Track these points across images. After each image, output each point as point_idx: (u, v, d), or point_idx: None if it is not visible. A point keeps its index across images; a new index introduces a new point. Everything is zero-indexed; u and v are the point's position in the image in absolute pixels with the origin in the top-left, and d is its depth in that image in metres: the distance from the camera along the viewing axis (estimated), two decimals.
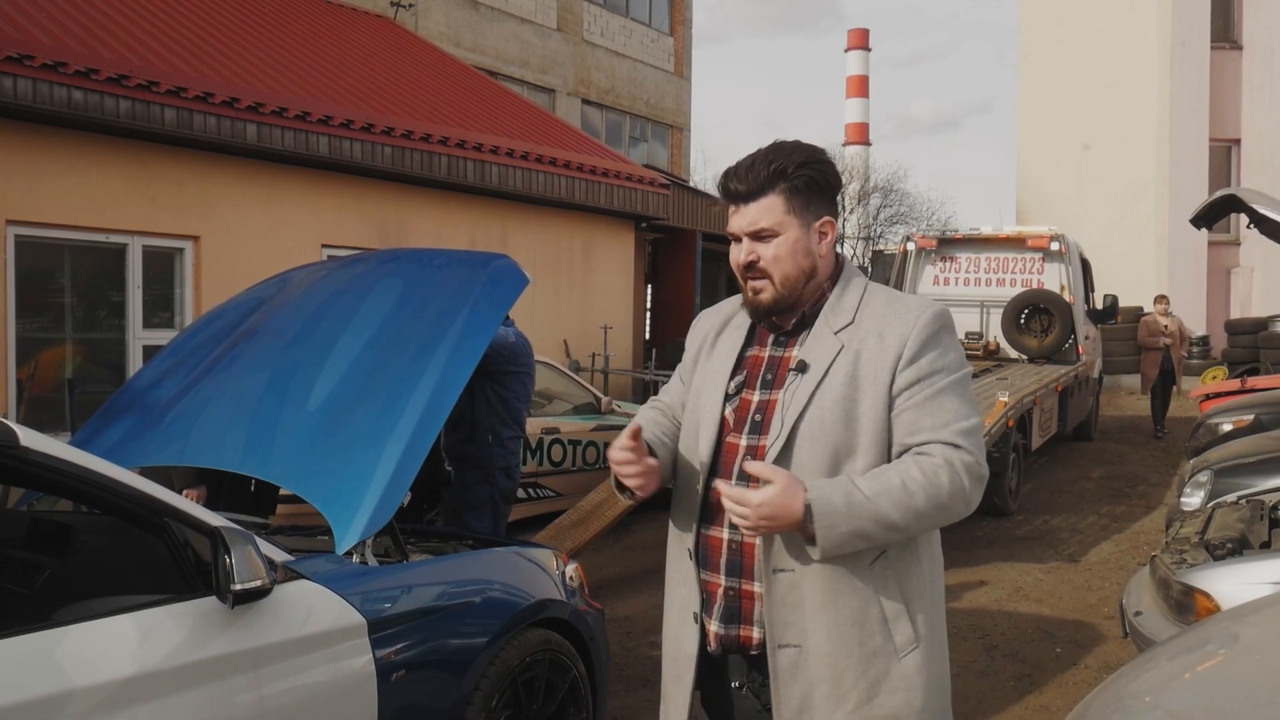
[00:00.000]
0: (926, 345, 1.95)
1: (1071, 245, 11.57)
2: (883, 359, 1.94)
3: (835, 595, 1.93)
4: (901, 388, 1.94)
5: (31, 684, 2.18)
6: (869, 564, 1.93)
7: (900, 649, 1.94)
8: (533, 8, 20.11)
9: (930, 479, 1.87)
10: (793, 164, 1.99)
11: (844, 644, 1.93)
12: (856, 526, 1.85)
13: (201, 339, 4.34)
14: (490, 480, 5.05)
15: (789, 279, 2.02)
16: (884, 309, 2.00)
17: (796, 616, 1.95)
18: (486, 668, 3.27)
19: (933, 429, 1.91)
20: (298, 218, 9.06)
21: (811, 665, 1.94)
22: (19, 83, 6.93)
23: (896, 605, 1.95)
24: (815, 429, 1.95)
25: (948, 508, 1.90)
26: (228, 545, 2.48)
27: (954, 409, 1.93)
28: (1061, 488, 9.90)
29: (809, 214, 2.02)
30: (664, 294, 16.11)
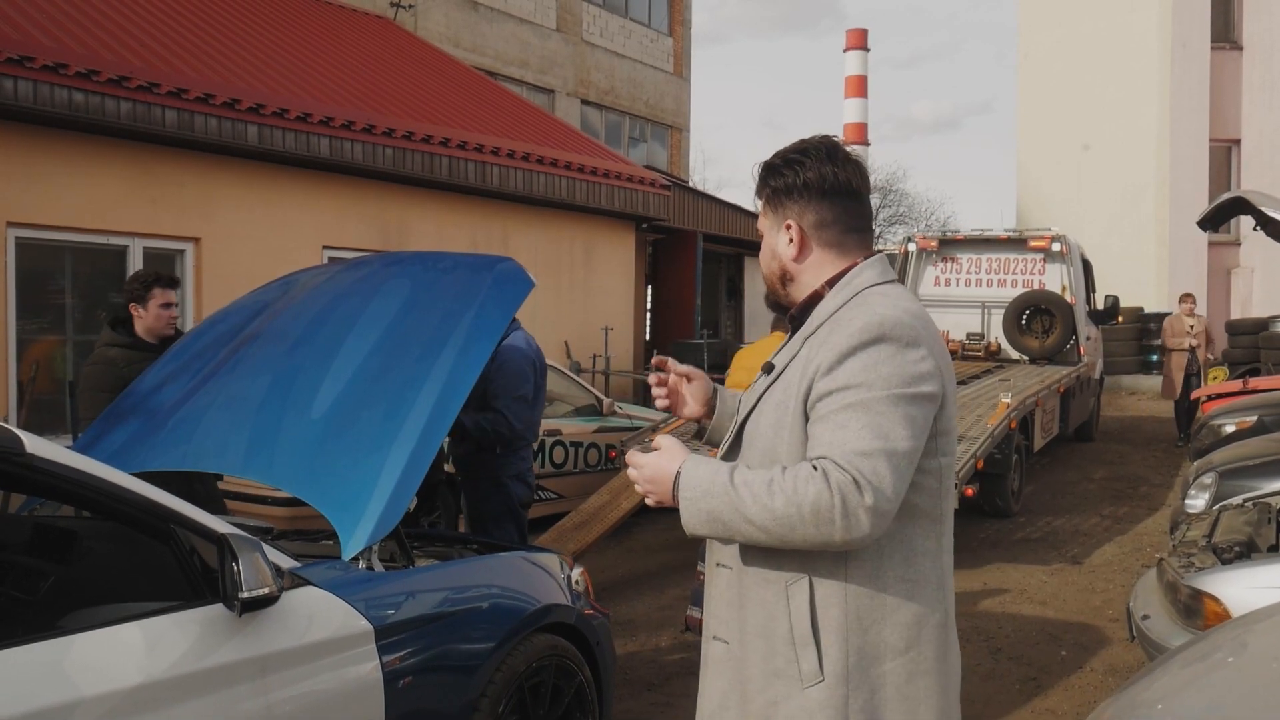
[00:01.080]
0: (849, 355, 1.80)
1: (1073, 246, 11.57)
2: (809, 367, 1.86)
3: (746, 601, 1.92)
4: (814, 400, 1.83)
5: (39, 694, 2.16)
6: (786, 579, 1.86)
7: (804, 678, 1.84)
8: (532, 8, 20.10)
9: (796, 487, 1.74)
10: (763, 168, 2.04)
11: (750, 653, 1.91)
12: (713, 507, 1.80)
13: (205, 342, 4.32)
14: (504, 489, 5.02)
15: (767, 279, 2.09)
16: (844, 314, 1.89)
17: (729, 613, 1.96)
18: (493, 673, 3.26)
19: (828, 446, 1.77)
20: (299, 219, 9.05)
21: (732, 665, 1.95)
22: (20, 84, 6.92)
23: (805, 631, 1.84)
24: (753, 430, 1.97)
25: (809, 523, 1.72)
26: (235, 552, 2.47)
27: (857, 429, 1.75)
28: (1064, 489, 9.90)
29: (778, 215, 2.04)
30: (664, 295, 16.10)
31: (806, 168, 1.98)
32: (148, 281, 4.76)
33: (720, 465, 1.84)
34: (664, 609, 6.34)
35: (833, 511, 1.71)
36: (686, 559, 7.57)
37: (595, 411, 8.83)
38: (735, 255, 19.22)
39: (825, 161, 1.98)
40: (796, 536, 1.75)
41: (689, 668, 5.29)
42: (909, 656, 1.86)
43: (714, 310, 19.22)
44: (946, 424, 1.89)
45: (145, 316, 4.74)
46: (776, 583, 1.88)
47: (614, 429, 8.66)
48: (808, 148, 2.01)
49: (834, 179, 1.97)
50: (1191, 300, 12.62)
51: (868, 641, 1.84)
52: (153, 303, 4.73)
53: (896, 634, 1.85)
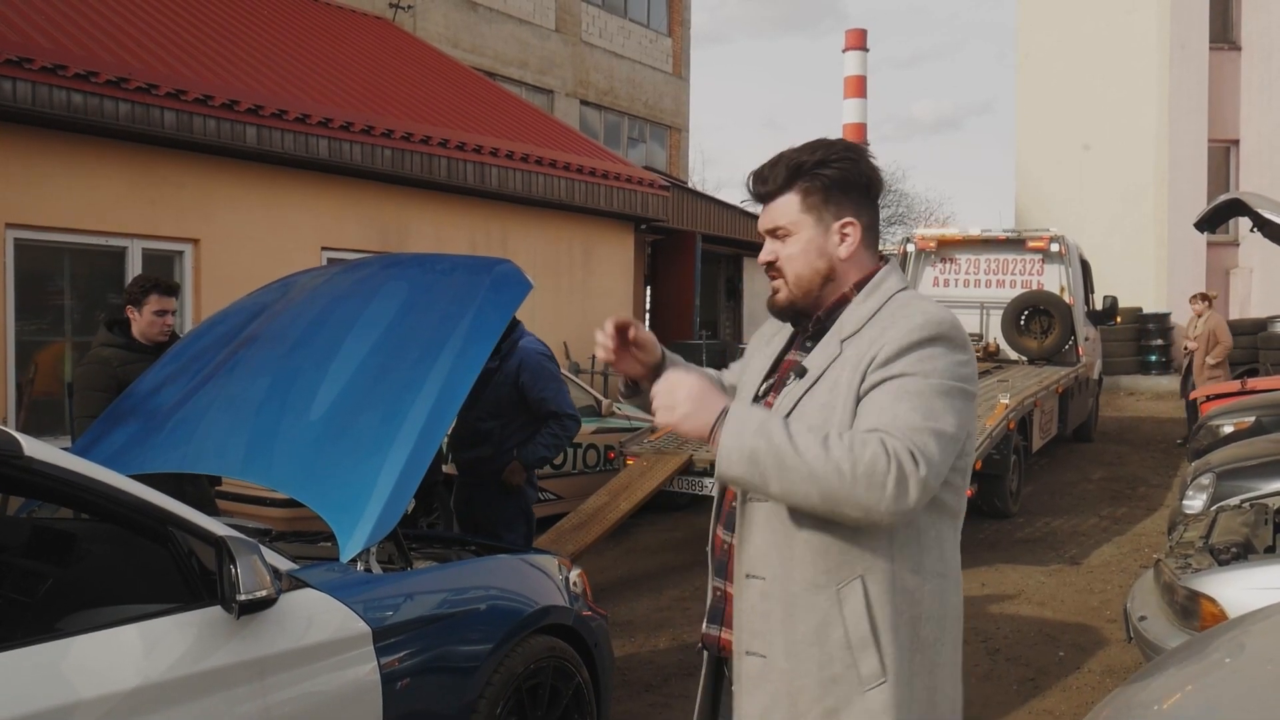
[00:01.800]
0: (907, 350, 1.81)
1: (1071, 246, 11.57)
2: (861, 362, 1.85)
3: (794, 609, 1.85)
4: (867, 389, 1.83)
5: (38, 696, 2.17)
6: (838, 582, 1.83)
7: (865, 681, 1.81)
8: (531, 9, 20.10)
9: (853, 444, 1.72)
10: (812, 161, 1.93)
11: (801, 663, 1.85)
12: (757, 447, 1.73)
13: (204, 344, 4.33)
14: (518, 492, 5.05)
15: (801, 279, 1.97)
16: (890, 316, 1.89)
17: (765, 626, 1.89)
18: (491, 675, 3.27)
19: (880, 420, 1.76)
20: (298, 220, 9.05)
21: (773, 678, 1.88)
22: (18, 86, 6.92)
23: (863, 633, 1.81)
24: None
25: (861, 482, 1.70)
26: (233, 555, 2.47)
27: (910, 407, 1.76)
28: (1062, 489, 9.90)
29: (827, 214, 1.95)
30: (664, 295, 16.11)
31: (862, 165, 1.95)
32: (146, 286, 4.78)
33: (772, 413, 1.82)
34: (662, 610, 6.35)
35: (887, 476, 1.70)
36: (684, 561, 7.58)
37: (594, 412, 8.83)
38: (734, 256, 19.23)
39: (869, 162, 1.97)
40: (840, 495, 1.71)
41: (687, 669, 5.29)
42: (938, 649, 1.88)
43: (713, 311, 19.22)
44: (971, 425, 1.92)
45: (139, 321, 4.75)
46: (828, 587, 1.83)
47: (613, 430, 8.66)
48: (850, 145, 1.97)
49: (880, 182, 2.00)
50: (1199, 300, 12.16)
51: (913, 637, 1.85)
52: (147, 308, 4.74)
53: (931, 628, 1.87)
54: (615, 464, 8.43)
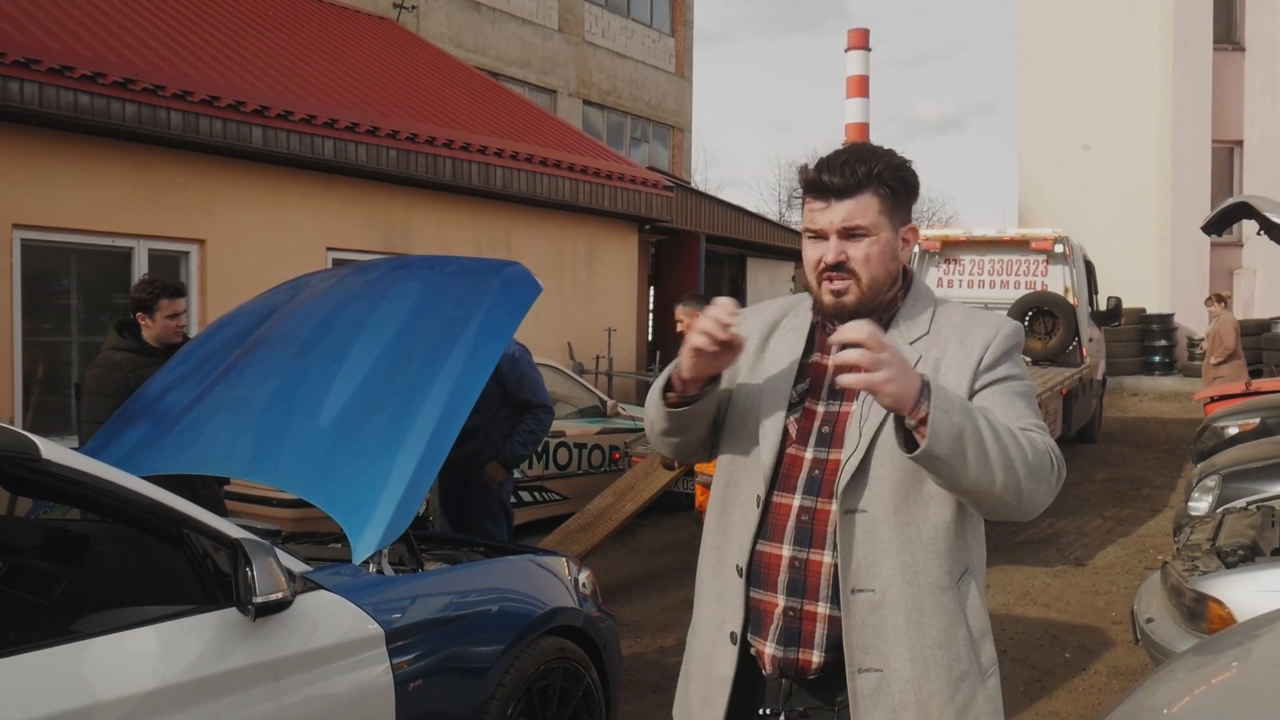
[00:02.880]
0: (1006, 354, 1.91)
1: (1075, 247, 11.57)
2: (966, 364, 1.89)
3: (921, 616, 1.84)
4: (980, 388, 1.88)
5: (56, 698, 2.18)
6: (955, 581, 1.86)
7: (985, 670, 1.88)
8: (534, 9, 20.12)
9: (1028, 438, 1.77)
10: (887, 166, 1.91)
11: (930, 668, 1.84)
12: (965, 426, 1.69)
13: (213, 346, 4.34)
14: (499, 486, 5.12)
15: (876, 281, 1.91)
16: (962, 319, 1.96)
17: (878, 640, 1.85)
18: (502, 676, 3.28)
19: (1009, 419, 1.81)
20: (303, 221, 9.06)
21: (895, 691, 1.84)
22: (25, 87, 6.94)
23: (983, 624, 1.90)
24: (894, 441, 1.79)
25: (1034, 470, 1.73)
26: (249, 557, 2.49)
27: (1024, 409, 1.86)
28: (1066, 490, 9.85)
29: (897, 219, 1.93)
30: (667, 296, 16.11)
31: (916, 176, 1.97)
32: (155, 292, 4.78)
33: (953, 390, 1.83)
34: (668, 611, 6.36)
35: (1053, 469, 1.78)
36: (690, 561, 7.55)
37: (599, 413, 8.84)
38: (738, 256, 19.24)
39: None
40: (1025, 481, 1.74)
41: None
42: None
43: None
44: None
45: (152, 326, 4.76)
46: (950, 587, 1.86)
47: (617, 430, 8.68)
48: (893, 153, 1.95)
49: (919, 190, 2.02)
50: (1213, 302, 11.98)
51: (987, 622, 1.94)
52: (159, 313, 4.76)
53: None
54: (620, 464, 8.45)
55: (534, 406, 5.13)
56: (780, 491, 1.93)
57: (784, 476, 1.93)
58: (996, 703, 1.90)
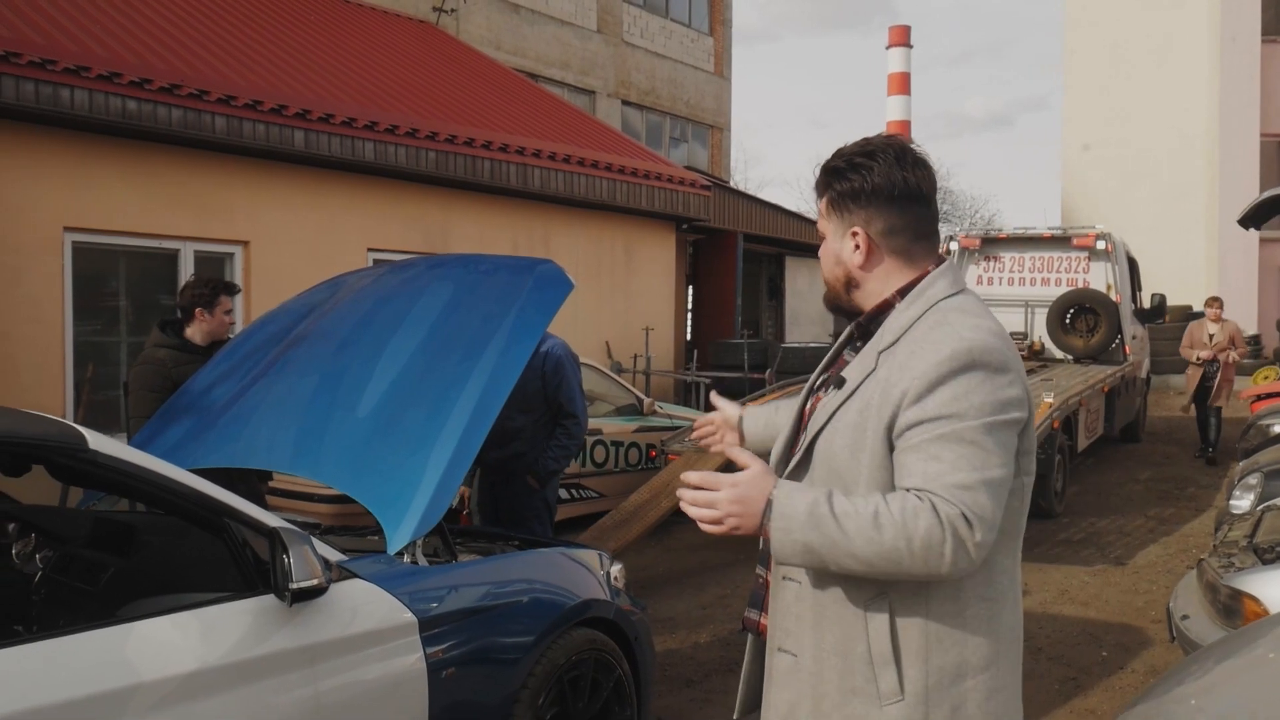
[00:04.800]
0: (938, 383, 1.75)
1: (1118, 244, 11.44)
2: (891, 392, 1.79)
3: (822, 619, 1.87)
4: (901, 429, 1.77)
5: (101, 678, 2.26)
6: (865, 598, 1.82)
7: (883, 697, 1.81)
8: (573, 10, 20.21)
9: (905, 520, 1.69)
10: (825, 169, 1.94)
11: (824, 670, 1.87)
12: (811, 540, 1.72)
13: (255, 344, 4.45)
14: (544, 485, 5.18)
15: (829, 282, 1.99)
16: (924, 334, 1.82)
17: (796, 626, 1.91)
18: (534, 666, 3.33)
19: (924, 477, 1.72)
20: (344, 222, 9.21)
21: (802, 678, 1.90)
22: (76, 93, 7.12)
23: (885, 651, 1.81)
24: (825, 449, 1.88)
25: (919, 558, 1.69)
26: (285, 545, 2.56)
27: (954, 458, 1.71)
28: (1109, 490, 9.80)
29: (843, 221, 1.93)
30: (705, 295, 16.14)
31: (875, 172, 1.88)
32: (216, 288, 4.93)
33: (817, 494, 1.76)
34: (704, 608, 6.38)
35: (944, 546, 1.68)
36: (725, 559, 7.61)
37: (636, 411, 8.89)
38: (776, 255, 19.21)
39: (895, 165, 1.89)
40: (899, 571, 1.72)
41: (728, 665, 5.33)
42: (990, 673, 1.84)
43: (755, 310, 19.21)
44: (1029, 444, 1.85)
45: (209, 321, 4.89)
46: (856, 603, 1.84)
47: (654, 428, 8.72)
48: (875, 149, 1.91)
49: (904, 184, 1.88)
50: (1217, 304, 11.11)
51: (948, 661, 1.81)
52: (219, 309, 4.90)
53: (977, 653, 1.83)
54: (657, 462, 8.49)
55: (566, 415, 5.15)
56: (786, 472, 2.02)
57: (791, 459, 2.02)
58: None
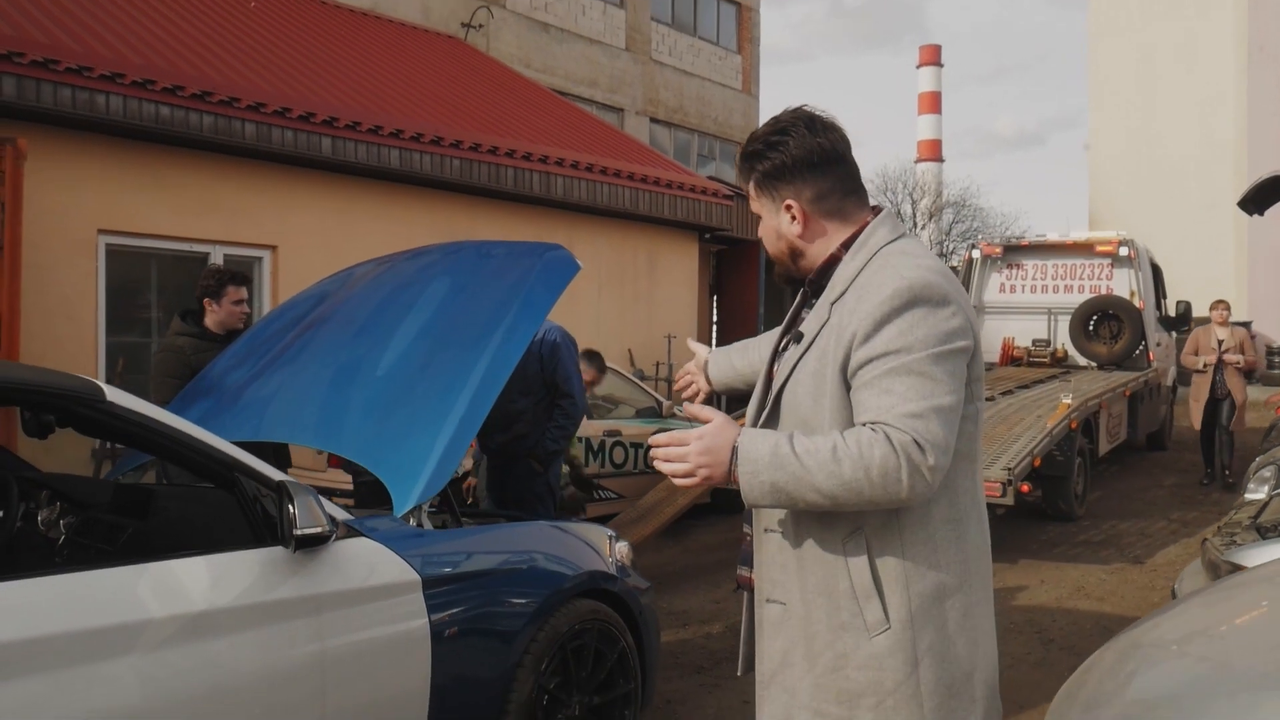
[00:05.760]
0: (884, 321, 1.85)
1: (1141, 250, 11.40)
2: (843, 335, 1.90)
3: (804, 562, 1.96)
4: (854, 368, 1.88)
5: (112, 611, 2.38)
6: (841, 537, 1.92)
7: (871, 628, 1.90)
8: (602, 28, 20.46)
9: (861, 451, 1.79)
10: (745, 154, 2.03)
11: (812, 611, 1.95)
12: (777, 479, 1.82)
13: (275, 329, 4.59)
14: (547, 468, 5.29)
15: (775, 258, 2.09)
16: (869, 279, 1.92)
17: (782, 576, 2.00)
18: (536, 633, 3.40)
19: (877, 410, 1.82)
20: (370, 228, 9.38)
21: (792, 624, 1.99)
22: (111, 99, 7.35)
23: (866, 584, 1.90)
24: (791, 400, 1.98)
25: (878, 485, 1.78)
26: (291, 495, 2.68)
27: (905, 389, 1.81)
28: (1132, 495, 9.74)
29: (774, 198, 2.02)
30: (728, 305, 16.21)
31: (791, 146, 1.98)
32: (222, 279, 5.09)
33: (779, 436, 1.85)
34: (717, 602, 6.44)
35: (900, 472, 1.77)
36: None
37: (655, 413, 8.97)
38: None
39: (808, 134, 1.98)
40: (862, 500, 1.81)
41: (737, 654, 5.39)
42: (964, 592, 1.94)
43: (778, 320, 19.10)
44: (977, 371, 1.95)
45: (218, 311, 5.04)
46: (833, 541, 1.92)
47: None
48: (786, 125, 2.00)
49: (820, 150, 1.98)
50: (1223, 307, 10.11)
51: (927, 585, 1.91)
52: (226, 299, 5.05)
53: (951, 573, 1.93)
54: None
55: (562, 395, 5.29)
56: None
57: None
58: (888, 662, 1.90)
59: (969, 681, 1.94)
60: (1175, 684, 1.95)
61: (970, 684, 1.94)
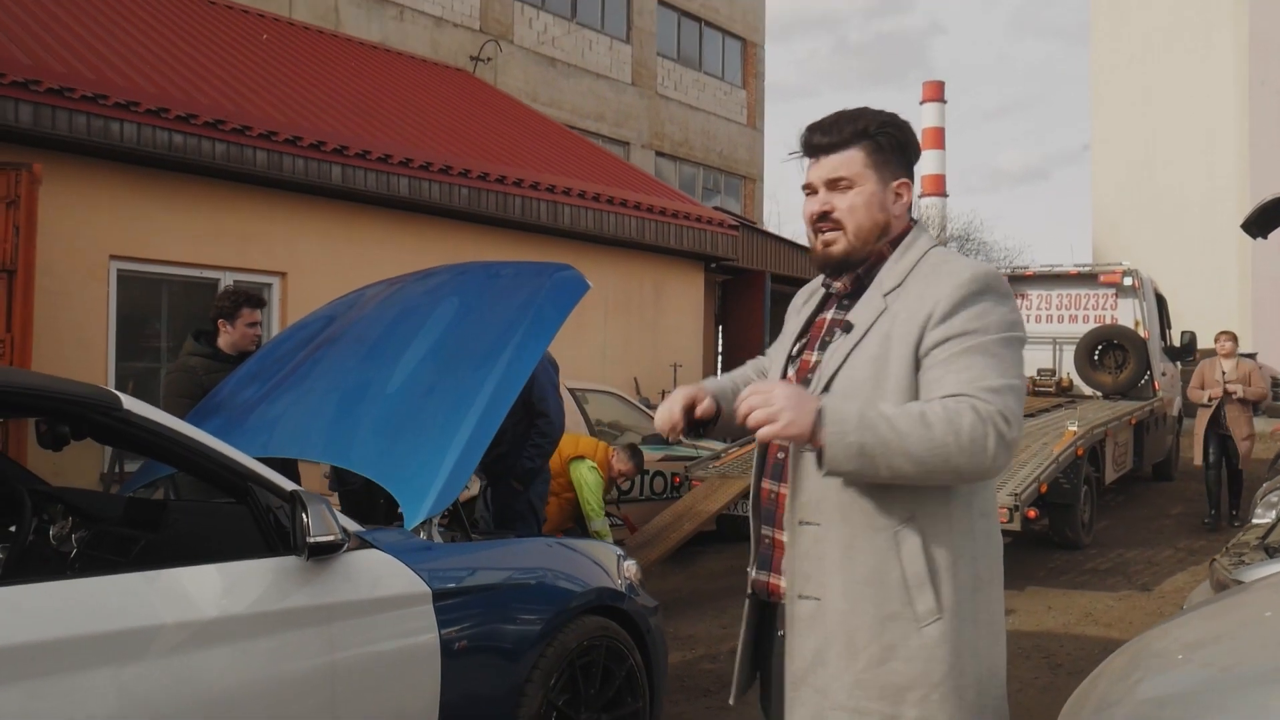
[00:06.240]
0: (961, 305, 1.91)
1: (1145, 280, 11.44)
2: (915, 318, 1.93)
3: (852, 552, 1.93)
4: (929, 347, 1.91)
5: (126, 616, 2.39)
6: (895, 525, 1.91)
7: (921, 618, 1.90)
8: (608, 63, 20.68)
9: (951, 416, 1.81)
10: (875, 123, 2.04)
11: (858, 603, 1.92)
12: (865, 441, 1.80)
13: (286, 348, 4.64)
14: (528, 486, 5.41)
15: (862, 230, 2.05)
16: (930, 271, 1.99)
17: (817, 570, 1.96)
18: (545, 648, 3.40)
19: (957, 384, 1.85)
20: (379, 256, 9.44)
21: (829, 620, 1.95)
22: (125, 127, 7.45)
23: (919, 572, 1.90)
24: (846, 386, 1.96)
25: (966, 451, 1.80)
26: (304, 504, 2.70)
27: (983, 367, 1.86)
28: (1139, 524, 9.71)
29: (887, 172, 2.05)
30: (733, 334, 16.25)
31: (911, 134, 2.08)
32: (238, 300, 5.14)
33: (861, 402, 1.86)
34: (724, 627, 6.42)
35: (986, 440, 1.80)
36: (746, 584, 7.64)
37: (661, 440, 8.98)
38: None
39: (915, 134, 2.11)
40: (948, 468, 1.82)
41: None
42: (992, 585, 1.99)
43: None
44: None
45: (232, 332, 5.09)
46: (885, 530, 1.91)
47: (679, 457, 8.79)
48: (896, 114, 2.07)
49: (919, 153, 2.12)
50: (1228, 338, 9.49)
51: (967, 575, 1.94)
52: (240, 320, 5.09)
53: (985, 566, 1.98)
54: (681, 490, 8.56)
55: (538, 413, 5.35)
56: None
57: None
58: (935, 652, 1.90)
59: (993, 678, 1.98)
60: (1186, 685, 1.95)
61: (995, 680, 1.98)
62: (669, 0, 22.27)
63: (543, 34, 19.15)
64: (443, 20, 17.12)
